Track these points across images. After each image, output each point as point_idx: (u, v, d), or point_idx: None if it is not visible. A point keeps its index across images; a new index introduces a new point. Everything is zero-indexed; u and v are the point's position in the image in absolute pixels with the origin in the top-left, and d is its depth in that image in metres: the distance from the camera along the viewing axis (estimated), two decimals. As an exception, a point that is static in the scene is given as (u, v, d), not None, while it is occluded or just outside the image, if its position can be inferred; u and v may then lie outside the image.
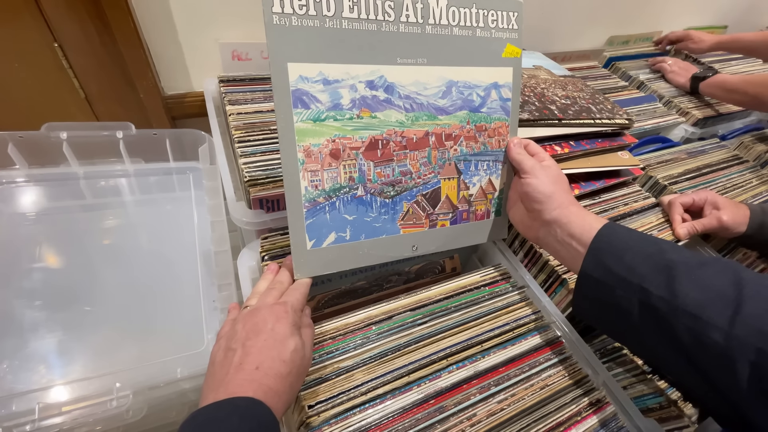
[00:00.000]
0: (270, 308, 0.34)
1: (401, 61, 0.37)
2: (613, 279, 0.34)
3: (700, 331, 0.29)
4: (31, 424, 0.40)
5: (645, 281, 0.32)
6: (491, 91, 0.43)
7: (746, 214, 0.56)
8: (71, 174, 0.60)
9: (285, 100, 0.34)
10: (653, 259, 0.34)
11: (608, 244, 0.36)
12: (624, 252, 0.35)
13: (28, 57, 0.60)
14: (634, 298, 0.33)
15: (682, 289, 0.31)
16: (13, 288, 0.50)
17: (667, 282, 0.32)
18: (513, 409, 0.36)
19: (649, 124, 0.81)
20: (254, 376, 0.29)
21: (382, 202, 0.40)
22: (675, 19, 1.14)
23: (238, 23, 0.67)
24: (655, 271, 0.33)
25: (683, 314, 0.30)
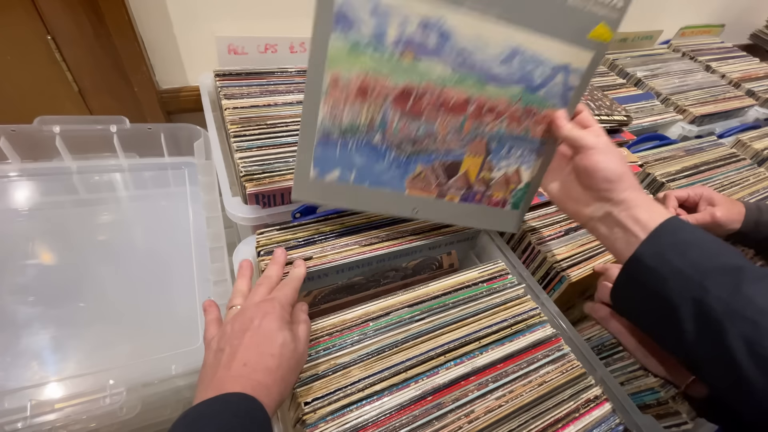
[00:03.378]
0: (257, 305, 0.34)
1: (471, 4, 0.31)
2: (670, 271, 0.32)
3: (756, 339, 0.28)
4: (23, 422, 0.40)
5: (707, 278, 0.31)
6: (559, 73, 0.36)
7: (741, 212, 0.57)
8: (64, 168, 0.59)
9: (326, 14, 0.29)
10: (720, 260, 0.32)
11: (673, 235, 0.34)
12: (689, 246, 0.33)
13: (20, 50, 0.59)
14: (689, 294, 0.31)
15: (746, 294, 0.30)
16: (6, 284, 0.50)
17: (732, 284, 0.30)
18: (511, 405, 0.36)
19: (646, 122, 0.81)
20: (242, 372, 0.29)
21: (395, 156, 0.36)
22: (673, 17, 1.14)
23: (235, 17, 0.66)
24: (720, 271, 0.31)
25: (741, 319, 0.29)
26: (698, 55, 1.08)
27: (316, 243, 0.45)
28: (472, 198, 0.41)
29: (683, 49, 1.09)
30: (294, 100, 0.61)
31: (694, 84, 0.96)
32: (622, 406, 0.40)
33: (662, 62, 1.02)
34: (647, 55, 1.03)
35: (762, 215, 0.56)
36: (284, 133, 0.55)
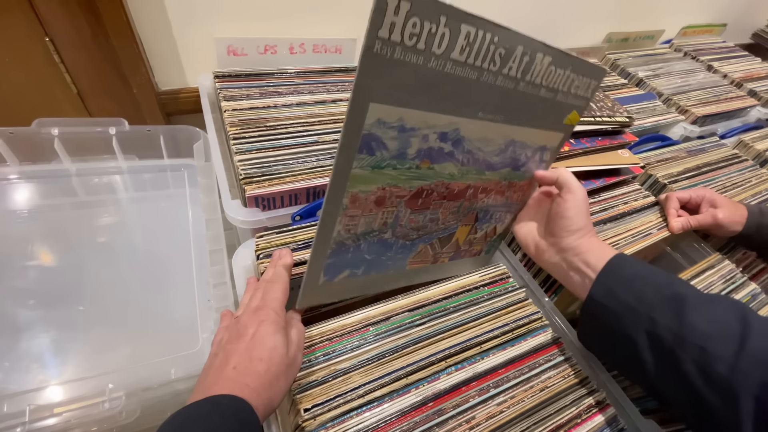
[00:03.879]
0: (253, 312, 0.34)
1: (481, 116, 0.34)
2: (621, 307, 0.34)
3: (705, 363, 0.30)
4: (22, 426, 0.40)
5: (654, 311, 0.33)
6: (538, 152, 0.42)
7: (743, 214, 0.56)
8: (63, 171, 0.59)
9: (352, 142, 0.29)
10: (663, 291, 0.34)
11: (618, 271, 0.36)
12: (633, 280, 0.35)
13: (18, 51, 0.59)
14: (641, 327, 0.33)
15: (690, 322, 0.31)
16: (5, 287, 0.49)
17: (675, 313, 0.32)
18: (512, 411, 0.35)
19: (648, 122, 0.81)
20: (231, 374, 0.30)
21: (402, 244, 0.39)
22: (674, 17, 1.14)
23: (234, 18, 0.66)
24: (664, 302, 0.33)
25: (690, 346, 0.31)
26: (700, 54, 1.07)
27: (316, 246, 0.44)
28: (459, 256, 0.46)
29: (685, 49, 1.09)
30: (294, 101, 0.60)
31: (696, 84, 0.95)
32: (624, 411, 0.39)
33: (664, 62, 1.01)
34: (649, 55, 1.03)
35: (764, 218, 0.56)
36: (284, 135, 0.55)
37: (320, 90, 0.64)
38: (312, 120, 0.58)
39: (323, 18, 0.71)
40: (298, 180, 0.50)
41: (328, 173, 0.52)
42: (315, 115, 0.59)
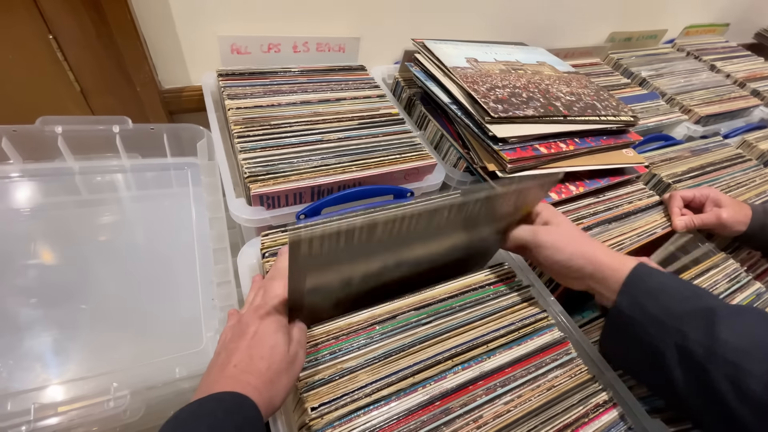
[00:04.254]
0: (254, 311, 0.34)
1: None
2: (649, 319, 0.34)
3: (739, 379, 0.29)
4: (27, 425, 0.39)
5: (683, 324, 0.32)
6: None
7: (747, 214, 0.56)
8: (66, 169, 0.59)
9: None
10: (690, 303, 0.33)
11: (643, 283, 0.36)
12: (660, 293, 0.35)
13: (22, 49, 0.59)
14: (670, 340, 0.32)
15: (722, 336, 0.31)
16: (8, 285, 0.49)
17: (706, 327, 0.31)
18: (520, 410, 0.35)
19: (651, 122, 0.81)
20: (232, 372, 0.30)
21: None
22: (677, 16, 1.14)
23: (238, 16, 0.65)
24: (693, 315, 0.32)
25: (722, 361, 0.30)
26: (703, 54, 1.07)
27: (321, 245, 0.44)
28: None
29: (688, 49, 1.08)
30: (297, 100, 0.60)
31: (699, 84, 0.95)
32: (631, 411, 0.39)
33: (667, 62, 1.01)
34: (652, 55, 1.03)
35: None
36: (288, 133, 0.55)
37: (324, 89, 0.64)
38: (316, 119, 0.58)
39: (327, 16, 0.71)
40: (302, 179, 0.50)
41: (332, 172, 0.52)
42: (318, 114, 0.59)
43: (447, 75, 0.60)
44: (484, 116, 0.53)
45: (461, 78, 0.57)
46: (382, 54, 0.80)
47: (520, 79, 0.62)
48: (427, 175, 0.59)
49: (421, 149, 0.58)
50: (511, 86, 0.59)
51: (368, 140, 0.57)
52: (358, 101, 0.64)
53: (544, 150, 0.54)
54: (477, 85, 0.57)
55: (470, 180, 0.61)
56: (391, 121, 0.61)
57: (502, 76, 0.62)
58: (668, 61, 1.02)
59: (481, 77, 0.59)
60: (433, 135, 0.66)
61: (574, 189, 0.56)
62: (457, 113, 0.57)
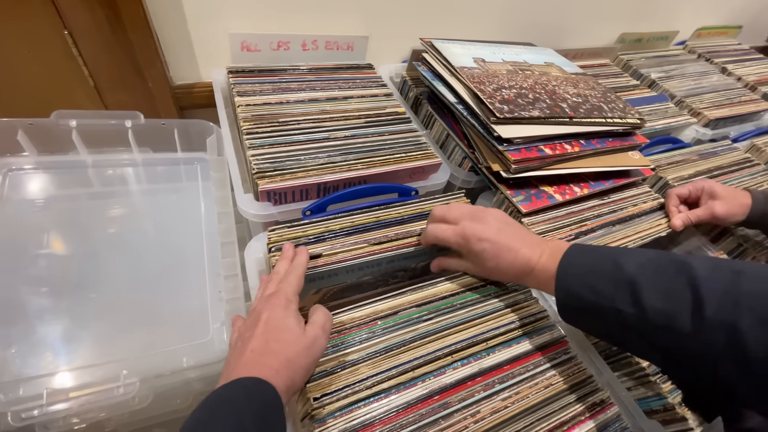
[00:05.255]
0: (265, 300, 0.36)
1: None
2: (587, 303, 0.35)
3: (676, 340, 0.31)
4: (39, 409, 0.41)
5: (614, 301, 0.34)
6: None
7: (744, 203, 0.56)
8: (80, 162, 0.60)
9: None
10: (614, 278, 0.35)
11: (572, 268, 0.37)
12: (588, 275, 0.36)
13: (38, 44, 0.60)
14: (611, 319, 0.34)
15: (648, 303, 0.32)
16: (22, 274, 0.51)
17: (632, 299, 0.33)
18: (517, 407, 0.36)
19: (660, 124, 0.80)
20: (250, 357, 0.32)
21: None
22: (689, 18, 1.13)
23: (248, 14, 0.66)
24: (619, 290, 0.34)
25: (656, 329, 0.32)
26: (714, 56, 1.06)
27: (326, 240, 0.45)
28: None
29: (699, 51, 1.07)
30: (306, 98, 0.61)
31: (709, 86, 0.95)
32: (628, 411, 0.40)
33: (677, 64, 1.00)
34: (662, 56, 1.02)
35: None
36: (296, 131, 0.56)
37: (331, 87, 0.65)
38: (323, 116, 0.59)
39: (336, 15, 0.72)
40: (309, 175, 0.51)
41: (338, 169, 0.53)
42: (326, 112, 0.60)
43: (454, 75, 0.61)
44: (490, 116, 0.53)
45: (468, 78, 0.58)
46: (390, 52, 0.81)
47: (527, 80, 0.63)
48: (432, 174, 0.60)
49: (426, 148, 0.58)
50: (517, 87, 0.60)
51: (374, 138, 0.58)
52: (365, 99, 0.64)
53: (549, 151, 0.54)
54: (483, 86, 0.57)
55: (475, 180, 0.61)
56: (397, 120, 0.62)
57: (509, 77, 0.62)
58: (679, 63, 1.01)
59: (488, 77, 0.60)
60: (439, 134, 0.67)
61: (579, 190, 0.56)
62: (463, 113, 0.57)
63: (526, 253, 0.40)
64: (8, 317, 0.48)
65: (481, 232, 0.41)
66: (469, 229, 0.41)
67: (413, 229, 0.48)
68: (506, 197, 0.54)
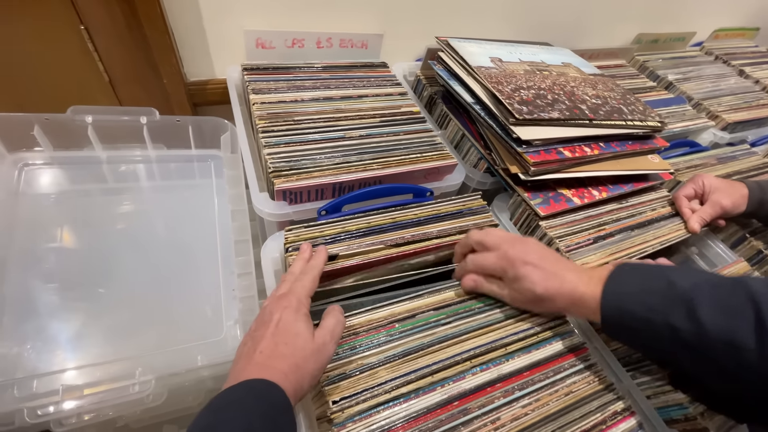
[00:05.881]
0: (277, 300, 0.36)
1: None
2: (639, 322, 0.34)
3: (737, 355, 0.30)
4: (55, 406, 0.41)
5: (669, 317, 0.33)
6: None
7: (744, 194, 0.57)
8: (94, 158, 0.60)
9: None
10: (667, 294, 0.34)
11: (621, 285, 0.36)
12: (640, 292, 0.35)
13: (54, 39, 0.60)
14: (664, 336, 0.33)
15: (707, 318, 0.31)
16: (36, 270, 0.51)
17: (689, 314, 0.32)
18: (537, 414, 0.35)
19: (677, 127, 0.79)
20: (259, 359, 0.31)
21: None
22: (706, 19, 1.11)
23: (263, 11, 0.66)
24: (674, 305, 0.33)
25: (717, 343, 0.31)
26: (732, 58, 1.04)
27: (343, 241, 0.45)
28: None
29: (716, 52, 1.06)
30: (320, 96, 0.61)
31: (727, 89, 0.93)
32: (648, 421, 0.39)
33: (694, 65, 0.99)
34: (679, 58, 1.01)
35: (765, 194, 0.56)
36: (311, 129, 0.55)
37: (346, 85, 0.64)
38: (338, 115, 0.58)
39: (350, 13, 0.71)
40: (324, 175, 0.50)
41: (354, 169, 0.52)
42: (340, 111, 0.59)
43: (471, 74, 0.60)
44: (509, 117, 0.52)
45: (485, 78, 0.57)
46: (405, 50, 0.80)
47: (545, 81, 0.62)
48: (447, 175, 0.59)
49: (441, 149, 0.58)
50: (536, 87, 0.59)
51: (389, 138, 0.58)
52: (379, 98, 0.64)
53: (568, 153, 0.53)
54: (501, 86, 0.56)
55: (490, 181, 0.61)
56: (412, 120, 0.61)
57: (527, 77, 0.61)
58: (696, 64, 1.00)
59: (506, 78, 0.59)
60: (454, 134, 0.66)
61: (597, 194, 0.55)
62: (480, 113, 0.57)
63: (573, 278, 0.38)
64: (23, 312, 0.48)
65: (524, 255, 0.39)
66: (512, 252, 0.40)
67: (430, 231, 0.47)
68: (524, 200, 0.53)
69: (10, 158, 0.56)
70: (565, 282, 0.38)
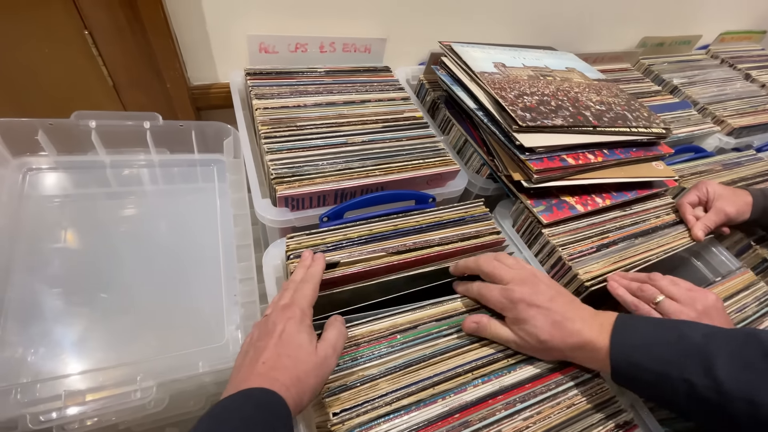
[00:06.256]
0: (281, 311, 0.35)
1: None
2: (650, 375, 0.33)
3: (758, 413, 0.29)
4: (58, 412, 0.41)
5: (684, 371, 0.32)
6: None
7: (748, 201, 0.56)
8: (98, 162, 0.60)
9: None
10: (680, 347, 0.33)
11: (629, 337, 0.35)
12: (651, 345, 0.34)
13: (58, 44, 0.60)
14: (679, 390, 0.32)
15: (724, 374, 0.30)
16: (40, 274, 0.51)
17: (705, 368, 0.31)
18: (539, 427, 0.35)
19: (682, 132, 0.78)
20: (261, 369, 0.31)
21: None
22: (712, 22, 1.10)
23: (266, 15, 0.66)
24: (688, 360, 0.32)
25: (737, 400, 0.30)
26: (738, 62, 1.03)
27: (344, 248, 0.44)
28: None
29: (722, 56, 1.05)
30: (323, 101, 0.61)
31: (733, 93, 0.92)
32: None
33: (700, 69, 0.98)
34: (684, 61, 1.00)
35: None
36: (313, 135, 0.55)
37: (348, 90, 0.64)
38: (341, 120, 0.58)
39: (354, 17, 0.71)
40: (327, 181, 0.50)
41: (356, 175, 0.52)
42: (343, 116, 0.59)
43: (474, 80, 0.60)
44: (512, 124, 0.52)
45: (489, 84, 0.57)
46: (407, 54, 0.80)
47: (548, 86, 0.61)
48: (450, 181, 0.59)
49: (444, 155, 0.58)
50: (539, 93, 0.58)
51: (392, 144, 0.57)
52: (382, 103, 0.63)
53: (571, 161, 0.53)
54: (505, 92, 0.56)
55: (493, 187, 0.60)
56: (415, 125, 0.61)
57: (531, 83, 0.61)
58: (701, 68, 0.99)
59: (509, 83, 0.59)
60: (457, 139, 0.66)
61: (601, 201, 0.55)
62: (483, 120, 0.56)
63: (581, 326, 0.36)
64: (27, 317, 0.48)
65: (531, 296, 0.38)
66: (518, 292, 0.38)
67: (431, 238, 0.47)
68: (526, 207, 0.53)
69: (15, 163, 0.56)
70: (574, 331, 0.36)
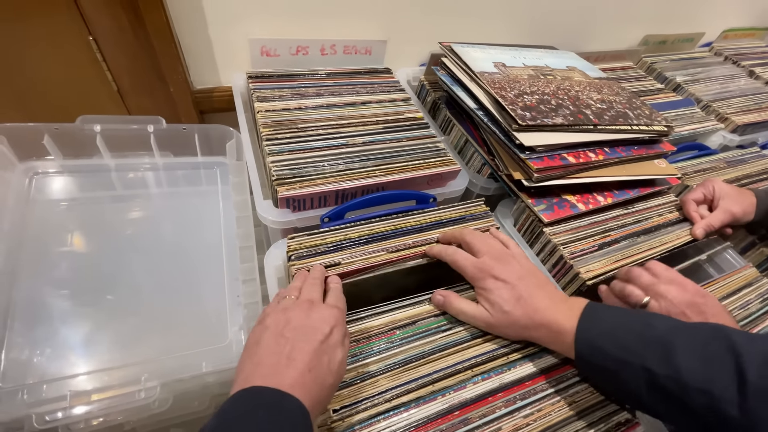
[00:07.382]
0: (330, 311, 0.34)
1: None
2: (613, 362, 0.33)
3: (715, 406, 0.29)
4: (63, 412, 0.42)
5: (646, 360, 0.32)
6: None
7: (752, 201, 0.56)
8: (103, 166, 0.61)
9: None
10: (644, 335, 0.33)
11: (596, 323, 0.35)
12: (615, 330, 0.34)
13: (63, 49, 0.61)
14: (641, 380, 0.32)
15: (684, 364, 0.30)
16: (46, 276, 0.52)
17: (666, 358, 0.31)
18: (539, 425, 0.35)
19: (685, 130, 0.78)
20: (306, 379, 0.29)
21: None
22: (715, 19, 1.09)
23: (268, 19, 0.67)
24: (650, 348, 0.32)
25: (694, 391, 0.30)
26: (741, 59, 1.03)
27: (345, 249, 0.45)
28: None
29: (725, 53, 1.04)
30: (324, 103, 0.61)
31: (737, 90, 0.92)
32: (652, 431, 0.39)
33: (703, 66, 0.97)
34: (687, 59, 0.99)
35: None
36: (314, 137, 0.56)
37: (349, 92, 0.64)
38: (341, 122, 0.59)
39: (354, 19, 0.72)
40: (327, 182, 0.51)
41: (357, 176, 0.52)
42: (344, 117, 0.60)
43: (474, 80, 0.60)
44: (512, 124, 0.52)
45: (489, 83, 0.57)
46: (408, 55, 0.80)
47: (549, 86, 0.61)
48: (451, 181, 0.59)
49: (444, 155, 0.58)
50: (539, 93, 0.58)
51: (392, 144, 0.58)
52: (383, 105, 0.64)
53: (572, 159, 0.53)
54: (505, 92, 0.56)
55: (494, 187, 0.60)
56: (415, 126, 0.62)
57: (531, 82, 0.61)
58: (704, 65, 0.98)
59: (509, 83, 0.59)
60: (458, 140, 0.66)
61: (602, 200, 0.55)
62: (483, 119, 0.57)
63: (548, 305, 0.37)
64: (33, 318, 0.49)
65: (500, 272, 0.39)
66: (488, 265, 0.39)
67: (431, 237, 0.47)
68: (527, 206, 0.53)
69: (21, 167, 0.57)
70: (539, 308, 0.37)
